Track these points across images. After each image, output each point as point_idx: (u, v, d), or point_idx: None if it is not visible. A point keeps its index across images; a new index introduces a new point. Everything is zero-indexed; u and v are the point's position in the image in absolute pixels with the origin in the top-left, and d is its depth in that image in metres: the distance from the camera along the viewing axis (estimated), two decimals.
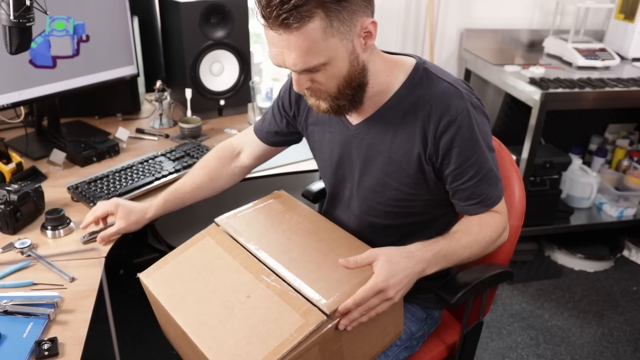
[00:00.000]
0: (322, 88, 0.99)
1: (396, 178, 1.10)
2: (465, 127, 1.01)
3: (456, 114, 1.00)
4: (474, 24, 2.62)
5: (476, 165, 1.03)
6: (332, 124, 1.16)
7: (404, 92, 1.05)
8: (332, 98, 1.00)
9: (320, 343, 0.90)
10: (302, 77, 0.97)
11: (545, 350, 2.08)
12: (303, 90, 1.00)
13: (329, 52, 0.92)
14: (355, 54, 0.96)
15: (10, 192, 1.25)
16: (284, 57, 0.93)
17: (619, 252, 2.63)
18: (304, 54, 0.91)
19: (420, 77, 1.05)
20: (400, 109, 1.05)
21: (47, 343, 0.93)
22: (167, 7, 1.93)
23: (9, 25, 1.17)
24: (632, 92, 2.17)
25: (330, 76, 0.96)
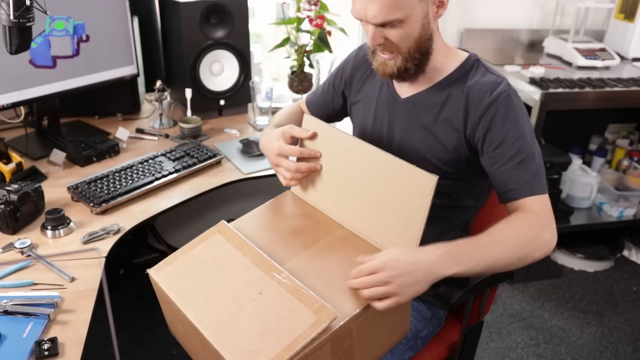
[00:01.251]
0: (393, 46, 1.06)
1: (433, 153, 1.14)
2: (505, 107, 1.06)
3: (497, 95, 1.06)
4: (474, 23, 2.62)
5: (515, 147, 1.05)
6: (380, 98, 1.23)
7: (454, 76, 1.13)
8: (402, 59, 1.07)
9: (333, 340, 0.90)
10: (377, 31, 1.03)
11: (545, 350, 2.08)
12: (376, 45, 1.07)
13: (407, 10, 1.00)
14: (427, 18, 1.04)
15: (10, 192, 1.25)
16: (367, 10, 1.00)
17: (619, 252, 2.63)
18: (387, 7, 0.98)
19: (471, 66, 1.13)
20: (449, 90, 1.13)
21: (47, 343, 0.93)
22: (167, 7, 1.93)
23: (9, 25, 1.17)
24: (632, 92, 2.17)
25: (403, 34, 1.03)
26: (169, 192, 1.48)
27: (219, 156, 1.64)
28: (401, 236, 1.01)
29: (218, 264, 1.03)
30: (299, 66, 2.15)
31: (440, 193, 1.16)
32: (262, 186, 1.63)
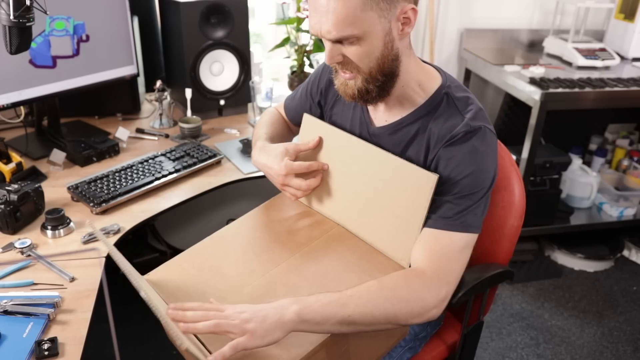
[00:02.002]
0: (353, 65, 0.98)
1: None
2: (473, 141, 0.98)
3: (469, 128, 0.98)
4: (474, 23, 2.62)
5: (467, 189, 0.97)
6: (354, 122, 1.17)
7: (422, 111, 1.05)
8: (362, 79, 0.99)
9: (327, 345, 0.90)
10: (335, 48, 0.97)
11: (545, 350, 2.08)
12: (334, 64, 1.00)
13: (365, 26, 0.92)
14: (390, 36, 0.95)
15: (10, 192, 1.25)
16: (321, 24, 0.93)
17: (619, 252, 2.63)
18: (341, 22, 0.91)
19: (440, 100, 1.04)
20: (416, 126, 1.05)
21: (47, 343, 0.93)
22: (167, 7, 1.93)
23: (9, 25, 1.17)
24: (632, 92, 2.17)
25: (362, 53, 0.96)
26: (169, 192, 1.48)
27: (219, 156, 1.64)
28: (399, 235, 1.01)
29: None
30: (299, 66, 2.15)
31: None
32: (262, 186, 1.62)
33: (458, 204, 0.97)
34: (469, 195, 0.98)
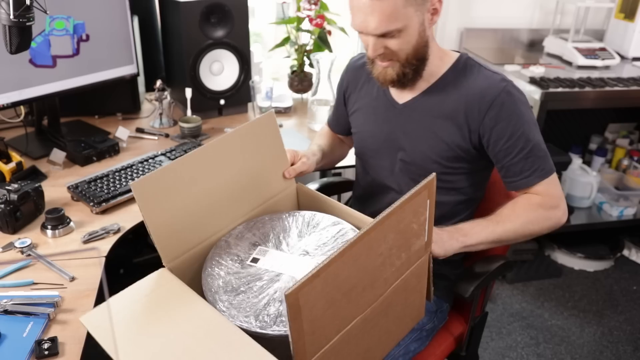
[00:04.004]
0: (393, 54, 1.11)
1: (438, 153, 1.19)
2: (507, 103, 1.11)
3: (498, 91, 1.11)
4: (474, 23, 2.62)
5: (523, 138, 1.11)
6: (378, 106, 1.28)
7: (449, 76, 1.18)
8: (400, 65, 1.13)
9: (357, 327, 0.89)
10: (378, 41, 1.09)
11: (545, 349, 2.08)
12: (377, 55, 1.12)
13: (406, 20, 1.06)
14: (423, 26, 1.10)
15: (10, 192, 1.25)
16: (368, 23, 1.05)
17: (619, 251, 2.63)
18: (387, 18, 1.04)
19: (464, 65, 1.18)
20: (445, 89, 1.18)
21: (47, 342, 0.93)
22: (167, 6, 1.93)
23: (9, 25, 1.17)
24: (632, 91, 2.17)
25: (402, 43, 1.09)
26: None
27: None
28: None
29: None
30: (299, 66, 2.14)
31: (451, 189, 1.22)
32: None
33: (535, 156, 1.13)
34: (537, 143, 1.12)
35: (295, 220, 1.12)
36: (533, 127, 1.13)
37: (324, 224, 1.09)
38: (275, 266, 1.00)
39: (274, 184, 1.19)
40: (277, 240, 1.07)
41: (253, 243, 1.07)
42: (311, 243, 1.05)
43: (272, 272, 0.98)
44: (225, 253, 1.05)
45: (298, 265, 1.00)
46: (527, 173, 1.13)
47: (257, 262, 1.02)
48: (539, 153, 1.13)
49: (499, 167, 1.17)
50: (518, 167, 1.13)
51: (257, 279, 0.97)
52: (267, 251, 1.04)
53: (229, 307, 0.91)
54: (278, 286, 0.95)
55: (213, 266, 1.01)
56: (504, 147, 1.13)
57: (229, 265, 1.01)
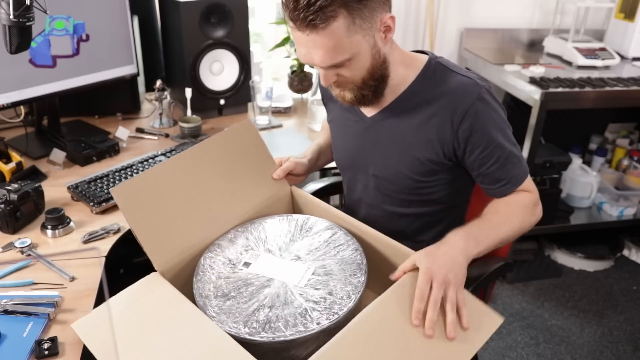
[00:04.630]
0: (347, 80, 1.05)
1: (410, 167, 1.14)
2: (481, 112, 1.05)
3: (471, 100, 1.05)
4: (474, 23, 2.62)
5: (499, 148, 1.07)
6: (348, 118, 1.23)
7: (418, 85, 1.11)
8: (357, 88, 1.07)
9: None
10: (329, 72, 1.03)
11: (545, 349, 2.08)
12: (330, 84, 1.07)
13: (353, 48, 0.98)
14: (376, 47, 1.02)
15: (10, 192, 1.25)
16: (312, 56, 0.99)
17: (619, 251, 2.63)
18: (331, 51, 0.97)
19: (434, 70, 1.11)
20: (415, 100, 1.11)
21: (47, 342, 0.93)
22: (167, 6, 1.93)
23: (8, 25, 1.17)
24: (632, 91, 2.17)
25: (354, 69, 1.02)
26: None
27: None
28: None
29: None
30: (299, 65, 2.14)
31: (430, 200, 1.19)
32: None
33: (512, 163, 1.10)
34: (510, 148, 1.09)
35: (289, 223, 1.11)
36: (507, 134, 1.09)
37: (317, 228, 1.09)
38: (267, 271, 0.99)
39: (265, 187, 1.19)
40: (270, 244, 1.06)
41: (245, 247, 1.06)
42: (303, 247, 1.04)
43: (262, 277, 0.98)
44: (218, 257, 1.04)
45: (289, 270, 0.99)
46: (504, 181, 1.10)
47: (249, 267, 1.01)
48: (513, 160, 1.09)
49: (474, 175, 1.13)
50: (495, 175, 1.10)
51: (248, 283, 0.97)
52: (258, 255, 1.04)
53: (218, 313, 0.91)
54: (268, 292, 0.94)
55: (205, 270, 1.01)
56: (479, 157, 1.08)
57: (220, 269, 1.01)
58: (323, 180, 1.62)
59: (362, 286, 0.94)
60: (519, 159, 1.11)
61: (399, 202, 1.21)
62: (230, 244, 1.07)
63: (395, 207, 1.21)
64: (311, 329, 0.86)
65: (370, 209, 1.26)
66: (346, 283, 0.95)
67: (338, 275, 0.97)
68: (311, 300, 0.92)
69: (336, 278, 0.96)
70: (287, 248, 1.05)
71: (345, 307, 0.90)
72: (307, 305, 0.91)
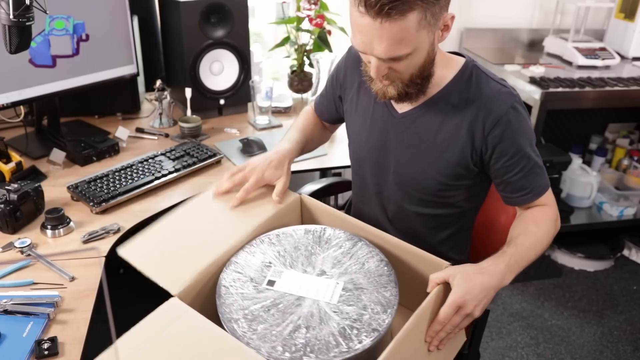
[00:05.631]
0: (397, 75, 1.02)
1: (437, 168, 1.12)
2: (513, 122, 1.05)
3: (505, 109, 1.05)
4: (474, 23, 2.62)
5: (525, 157, 1.08)
6: (376, 112, 1.19)
7: (454, 86, 1.10)
8: (403, 85, 1.04)
9: None
10: (383, 64, 0.99)
11: (545, 349, 2.08)
12: (380, 77, 1.03)
13: (417, 44, 0.95)
14: (433, 45, 1.01)
15: (10, 192, 1.25)
16: (373, 45, 0.94)
17: (619, 251, 2.63)
18: (396, 44, 0.93)
19: (470, 74, 1.09)
20: (449, 101, 1.10)
21: (47, 342, 0.93)
22: (167, 6, 1.93)
23: (8, 25, 1.17)
24: (632, 91, 2.17)
25: (409, 65, 1.00)
26: (169, 192, 1.48)
27: (218, 155, 1.64)
28: None
29: None
30: (298, 65, 2.14)
31: (448, 203, 1.18)
32: None
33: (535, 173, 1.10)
34: (535, 158, 1.09)
35: (305, 236, 1.07)
36: (533, 145, 1.10)
37: (337, 239, 1.06)
38: (294, 289, 0.95)
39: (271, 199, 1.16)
40: (290, 259, 1.02)
41: (265, 263, 1.02)
42: (327, 262, 1.01)
43: (291, 296, 0.94)
44: (237, 276, 0.99)
45: (317, 286, 0.95)
46: (526, 191, 1.10)
47: (274, 285, 0.96)
48: (537, 170, 1.10)
49: (497, 182, 1.13)
50: (518, 184, 1.10)
51: (277, 303, 0.93)
52: (281, 272, 0.99)
53: (253, 339, 0.86)
54: (300, 311, 0.91)
55: (228, 292, 0.96)
56: (505, 165, 1.08)
57: (243, 290, 0.96)
58: (322, 180, 1.62)
59: (396, 299, 0.93)
60: (542, 170, 1.11)
61: (417, 202, 1.19)
62: (248, 261, 1.02)
63: (413, 205, 1.20)
64: (355, 349, 0.84)
65: (387, 203, 1.24)
66: (379, 297, 0.93)
67: (369, 288, 0.95)
68: (347, 317, 0.90)
69: (368, 292, 0.94)
70: (309, 262, 1.01)
71: (384, 322, 0.88)
72: (344, 323, 0.89)
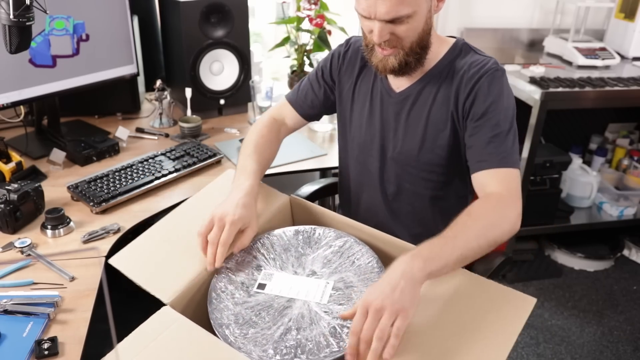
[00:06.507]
0: (399, 41, 1.07)
1: (434, 141, 1.16)
2: (489, 81, 1.09)
3: (485, 71, 1.10)
4: (474, 23, 2.62)
5: (494, 120, 1.08)
6: (374, 94, 1.24)
7: (445, 61, 1.16)
8: (403, 54, 1.09)
9: None
10: (385, 27, 1.04)
11: (545, 349, 2.08)
12: (382, 42, 1.06)
13: (416, 5, 1.02)
14: (430, 13, 1.07)
15: (10, 192, 1.25)
16: (377, 7, 1.01)
17: (619, 251, 2.63)
18: (398, 3, 1.00)
19: (460, 49, 1.17)
20: (441, 76, 1.15)
21: (47, 342, 0.93)
22: (167, 6, 1.93)
23: (8, 25, 1.17)
24: (632, 91, 2.17)
25: (409, 29, 1.05)
26: (169, 192, 1.48)
27: (219, 155, 1.64)
28: None
29: None
30: (299, 65, 2.14)
31: (447, 182, 1.20)
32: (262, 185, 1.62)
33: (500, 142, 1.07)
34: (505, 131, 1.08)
35: (295, 237, 1.08)
36: (507, 116, 1.09)
37: (326, 238, 1.06)
38: (284, 291, 0.96)
39: (261, 202, 1.14)
40: (281, 261, 1.03)
41: (256, 266, 1.02)
42: (317, 262, 1.01)
43: (281, 298, 0.95)
44: (228, 280, 0.99)
45: (307, 287, 0.96)
46: (486, 156, 1.08)
47: (264, 288, 0.97)
48: (506, 141, 1.08)
49: (467, 146, 1.12)
50: (479, 147, 1.09)
51: (268, 307, 0.93)
52: (272, 274, 1.00)
53: (244, 343, 0.87)
54: (291, 313, 0.91)
55: (219, 297, 0.96)
56: (473, 125, 1.10)
57: (235, 295, 0.96)
58: (320, 181, 1.62)
59: None
60: (511, 145, 1.09)
61: (418, 181, 1.21)
62: (239, 265, 1.03)
63: (414, 185, 1.22)
64: (346, 348, 0.83)
65: (387, 185, 1.25)
66: None
67: (359, 286, 0.95)
68: (338, 317, 0.90)
69: (358, 290, 0.94)
70: (299, 264, 1.01)
71: None
72: (334, 323, 0.89)
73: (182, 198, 1.45)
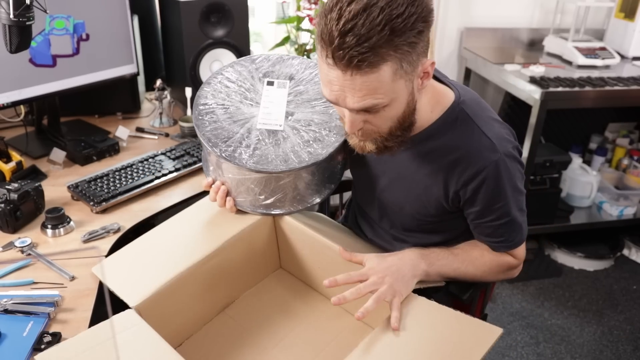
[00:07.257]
0: (374, 129, 0.94)
1: (413, 206, 1.11)
2: (491, 179, 0.99)
3: (484, 166, 0.98)
4: (474, 22, 2.62)
5: (499, 211, 1.03)
6: None
7: (436, 129, 1.02)
8: (381, 139, 0.96)
9: None
10: (358, 117, 0.91)
11: (545, 349, 2.08)
12: (355, 131, 0.95)
13: (393, 94, 0.87)
14: (412, 94, 0.92)
15: (10, 191, 1.25)
16: (346, 96, 0.87)
17: (619, 251, 2.63)
18: (370, 94, 0.85)
19: (455, 118, 1.01)
20: (429, 144, 1.03)
21: (48, 336, 0.94)
22: (167, 5, 1.93)
23: (8, 24, 1.17)
24: (632, 90, 2.17)
25: (386, 118, 0.92)
26: (169, 191, 1.49)
27: None
28: None
29: None
30: None
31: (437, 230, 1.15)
32: None
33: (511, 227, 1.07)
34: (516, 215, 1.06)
35: None
36: (514, 202, 1.03)
37: None
38: None
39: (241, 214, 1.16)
40: None
41: None
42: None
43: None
44: None
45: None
46: (494, 240, 1.08)
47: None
48: (512, 226, 1.05)
49: (469, 222, 1.09)
50: (486, 231, 1.07)
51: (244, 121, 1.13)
52: None
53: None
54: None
55: None
56: (476, 213, 1.04)
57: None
58: None
59: None
60: (518, 227, 1.07)
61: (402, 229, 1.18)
62: None
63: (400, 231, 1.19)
64: None
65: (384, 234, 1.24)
66: None
67: None
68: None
69: None
70: None
71: None
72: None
73: (182, 198, 1.46)
